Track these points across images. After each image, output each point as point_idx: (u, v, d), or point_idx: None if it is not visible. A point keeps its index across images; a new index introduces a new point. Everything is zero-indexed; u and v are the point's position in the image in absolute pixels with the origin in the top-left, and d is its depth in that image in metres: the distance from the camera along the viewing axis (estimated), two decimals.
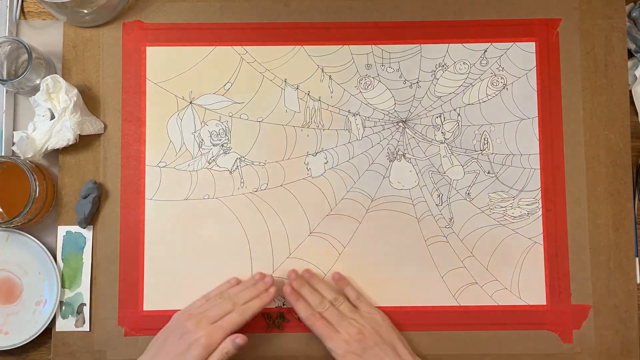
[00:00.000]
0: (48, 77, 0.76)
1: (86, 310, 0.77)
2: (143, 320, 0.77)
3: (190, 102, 0.80)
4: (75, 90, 0.77)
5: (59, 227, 0.78)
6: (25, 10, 0.83)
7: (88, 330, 0.77)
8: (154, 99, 0.80)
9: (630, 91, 0.81)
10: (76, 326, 0.77)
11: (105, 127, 0.80)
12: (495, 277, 0.78)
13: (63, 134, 0.76)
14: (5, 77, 0.78)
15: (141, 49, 0.81)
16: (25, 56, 0.76)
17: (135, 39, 0.81)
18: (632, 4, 0.82)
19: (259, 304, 0.73)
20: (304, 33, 0.81)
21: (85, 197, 0.77)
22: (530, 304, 0.78)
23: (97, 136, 0.79)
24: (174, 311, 0.76)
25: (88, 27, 0.81)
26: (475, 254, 0.79)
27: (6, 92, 0.79)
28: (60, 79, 0.76)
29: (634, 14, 0.82)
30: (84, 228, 0.78)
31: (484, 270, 0.78)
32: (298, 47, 0.81)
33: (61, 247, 0.78)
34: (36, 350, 0.78)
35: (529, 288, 0.78)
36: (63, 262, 0.77)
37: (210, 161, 0.80)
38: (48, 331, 0.77)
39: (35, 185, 0.73)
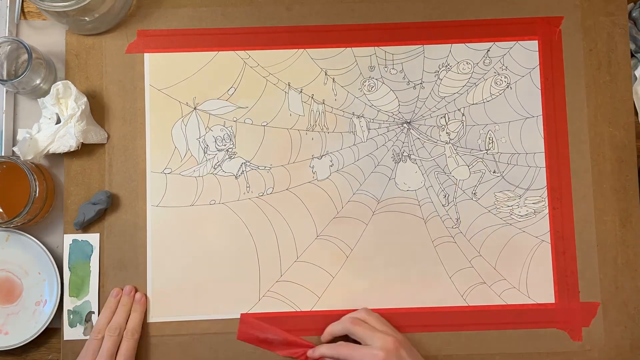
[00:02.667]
0: (59, 82, 0.76)
1: (94, 318, 0.77)
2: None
3: (195, 108, 0.80)
4: (85, 99, 0.77)
5: (64, 235, 0.78)
6: (26, 10, 0.82)
7: None
8: (157, 106, 0.80)
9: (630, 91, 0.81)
10: (84, 334, 0.77)
11: (109, 136, 0.79)
12: (504, 276, 0.78)
13: (66, 140, 0.76)
14: (5, 77, 0.78)
15: (144, 56, 0.81)
16: (25, 56, 0.76)
17: (138, 46, 0.81)
18: (632, 4, 0.82)
19: (139, 317, 0.76)
20: (307, 36, 0.81)
21: (93, 204, 0.77)
22: (539, 302, 0.78)
23: (102, 144, 0.79)
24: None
25: (90, 34, 0.81)
26: (483, 253, 0.79)
27: (6, 92, 0.79)
28: (72, 86, 0.76)
29: (634, 14, 0.82)
30: (77, 230, 0.78)
31: (492, 270, 0.78)
32: (301, 50, 0.81)
33: (67, 256, 0.77)
34: (36, 351, 0.78)
35: (537, 286, 0.78)
36: (70, 270, 0.77)
37: (216, 166, 0.80)
38: (48, 331, 0.77)
39: (36, 186, 0.73)
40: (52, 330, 0.78)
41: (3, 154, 0.78)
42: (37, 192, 0.73)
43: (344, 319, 0.74)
